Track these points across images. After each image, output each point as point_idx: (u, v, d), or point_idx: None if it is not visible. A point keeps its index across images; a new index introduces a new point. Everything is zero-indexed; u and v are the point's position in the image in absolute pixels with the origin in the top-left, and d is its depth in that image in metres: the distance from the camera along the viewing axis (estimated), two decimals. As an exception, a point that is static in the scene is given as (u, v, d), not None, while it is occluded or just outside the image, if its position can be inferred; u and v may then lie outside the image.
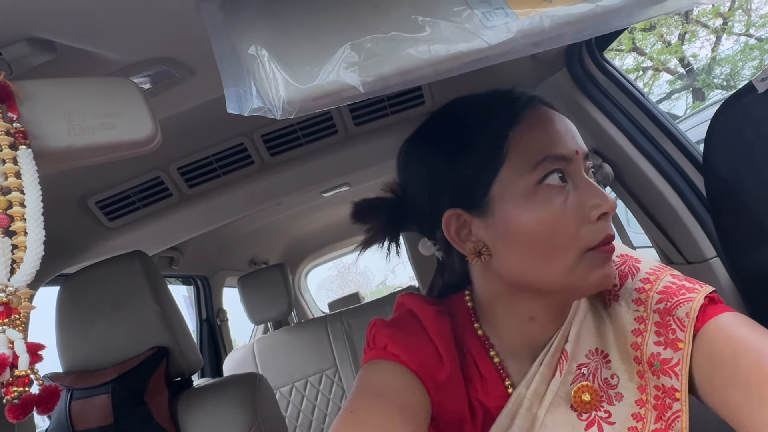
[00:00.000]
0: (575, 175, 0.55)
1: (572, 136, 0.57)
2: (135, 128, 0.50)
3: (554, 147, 0.55)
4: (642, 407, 0.55)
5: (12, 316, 0.39)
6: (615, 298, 0.61)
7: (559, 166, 0.54)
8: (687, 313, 0.54)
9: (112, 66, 0.61)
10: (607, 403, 0.56)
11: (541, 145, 0.55)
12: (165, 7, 0.53)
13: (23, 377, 0.38)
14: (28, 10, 0.47)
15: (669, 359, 0.54)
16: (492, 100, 0.61)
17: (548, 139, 0.55)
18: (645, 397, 0.56)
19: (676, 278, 0.59)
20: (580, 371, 0.58)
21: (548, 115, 0.58)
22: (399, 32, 0.46)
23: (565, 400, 0.57)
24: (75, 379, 1.01)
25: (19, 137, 0.44)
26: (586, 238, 0.53)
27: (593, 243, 0.53)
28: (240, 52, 0.46)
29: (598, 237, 0.53)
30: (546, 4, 0.47)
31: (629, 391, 0.57)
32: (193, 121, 0.95)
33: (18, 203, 0.43)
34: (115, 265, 1.08)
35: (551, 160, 0.54)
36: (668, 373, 0.54)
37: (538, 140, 0.55)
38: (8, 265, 0.40)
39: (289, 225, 2.71)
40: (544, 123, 0.56)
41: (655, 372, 0.55)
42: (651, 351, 0.56)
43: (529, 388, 0.58)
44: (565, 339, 0.60)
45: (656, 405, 0.55)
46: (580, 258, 0.53)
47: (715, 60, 9.09)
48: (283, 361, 2.15)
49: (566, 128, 0.57)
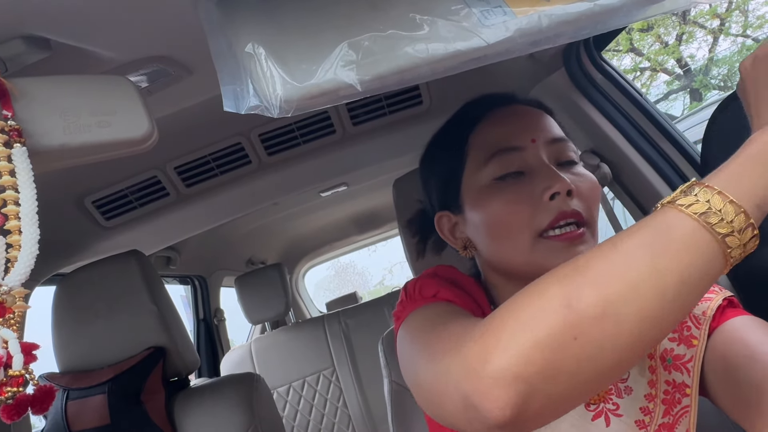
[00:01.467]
0: (532, 162, 0.58)
1: (531, 127, 0.60)
2: (131, 127, 0.50)
3: (506, 140, 0.59)
4: (651, 401, 0.56)
5: (6, 316, 0.39)
6: None
7: (510, 156, 0.58)
8: (704, 311, 0.55)
9: (108, 64, 0.60)
10: (617, 396, 0.57)
11: (493, 140, 0.60)
12: (161, 4, 0.52)
13: (17, 377, 0.38)
14: (23, 8, 0.46)
15: (682, 355, 0.55)
16: (464, 108, 0.67)
17: (501, 133, 0.60)
18: (654, 392, 0.56)
19: None
20: None
21: (508, 112, 0.62)
22: (397, 30, 0.46)
23: None
24: (71, 379, 1.00)
25: (13, 135, 0.43)
26: (539, 220, 0.55)
27: (545, 223, 0.55)
28: (237, 50, 0.46)
29: (549, 216, 0.55)
30: (544, 3, 0.47)
31: (639, 385, 0.57)
32: (190, 120, 0.95)
33: (12, 202, 0.42)
34: (112, 265, 1.08)
35: (501, 152, 0.58)
36: (680, 368, 0.55)
37: (491, 137, 0.60)
38: (2, 264, 0.40)
39: (287, 225, 2.71)
40: (500, 120, 0.61)
41: (667, 367, 0.56)
42: (665, 347, 0.57)
43: None
44: None
45: (665, 399, 0.55)
46: (535, 240, 0.56)
47: (712, 61, 9.11)
48: (281, 362, 2.14)
49: (527, 120, 0.60)
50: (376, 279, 15.41)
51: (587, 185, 0.58)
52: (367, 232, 3.32)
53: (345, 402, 2.07)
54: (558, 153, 0.59)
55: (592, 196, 0.57)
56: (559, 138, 0.60)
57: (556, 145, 0.59)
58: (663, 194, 0.95)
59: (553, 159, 0.59)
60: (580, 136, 1.09)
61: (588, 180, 0.58)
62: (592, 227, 0.57)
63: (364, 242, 3.76)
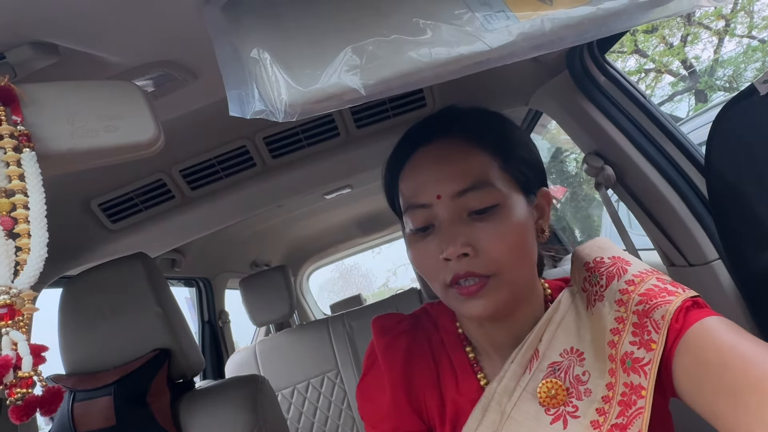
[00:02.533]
0: (439, 217, 0.60)
1: (438, 181, 0.60)
2: (138, 131, 0.50)
3: (415, 196, 0.62)
4: (607, 402, 0.57)
5: (15, 318, 0.39)
6: (600, 299, 0.63)
7: (419, 212, 0.61)
8: (663, 315, 0.55)
9: (114, 69, 0.61)
10: (576, 399, 0.59)
11: (407, 194, 0.63)
12: (167, 10, 0.53)
13: (26, 378, 0.39)
14: (32, 14, 0.47)
15: (641, 358, 0.56)
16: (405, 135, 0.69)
17: (412, 188, 0.63)
18: (611, 394, 0.57)
19: (660, 281, 0.60)
20: (551, 369, 0.61)
21: (425, 159, 0.63)
22: (400, 35, 0.46)
23: (532, 396, 0.61)
24: (77, 380, 1.01)
25: (23, 140, 0.44)
26: (442, 275, 0.60)
27: (447, 279, 0.60)
28: (242, 55, 0.46)
29: (448, 275, 0.59)
30: (547, 7, 0.47)
31: (598, 387, 0.58)
32: (195, 123, 0.96)
33: (22, 205, 0.43)
34: (118, 267, 1.08)
35: (412, 209, 0.62)
36: (638, 371, 0.55)
37: (406, 190, 0.64)
38: (12, 267, 0.41)
39: (291, 227, 2.71)
40: (415, 170, 0.63)
41: (626, 369, 0.56)
42: (625, 350, 0.57)
43: (500, 384, 0.62)
44: (539, 339, 0.63)
45: (621, 401, 0.56)
46: (445, 290, 0.61)
47: (717, 62, 9.07)
48: (285, 363, 2.15)
49: (435, 172, 0.61)
50: (380, 281, 15.43)
51: (496, 238, 0.58)
52: (371, 234, 3.32)
53: (349, 404, 2.07)
54: (469, 203, 0.59)
55: (499, 248, 0.58)
56: (468, 188, 0.59)
57: (463, 198, 0.59)
58: (667, 196, 0.95)
59: (463, 210, 0.59)
60: (584, 138, 1.09)
61: (499, 231, 0.58)
62: (500, 274, 0.59)
63: (368, 244, 3.77)
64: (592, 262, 0.66)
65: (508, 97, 1.20)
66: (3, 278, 0.39)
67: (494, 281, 0.58)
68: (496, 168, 0.61)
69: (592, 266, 0.66)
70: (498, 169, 0.61)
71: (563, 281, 0.72)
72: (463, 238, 0.58)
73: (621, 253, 0.67)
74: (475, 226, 0.59)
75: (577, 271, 0.68)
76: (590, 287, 0.65)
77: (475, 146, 0.62)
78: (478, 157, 0.61)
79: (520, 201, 0.61)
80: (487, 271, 0.58)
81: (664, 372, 0.55)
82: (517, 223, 0.59)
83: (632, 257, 0.66)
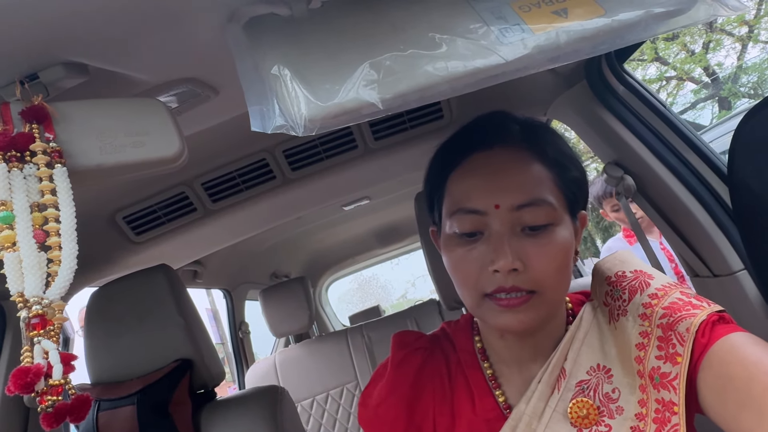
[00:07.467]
0: (491, 227, 0.58)
1: (499, 189, 0.59)
2: (163, 146, 0.52)
3: (469, 200, 0.60)
4: (641, 420, 0.55)
5: (47, 327, 0.41)
6: (623, 313, 0.62)
7: (470, 218, 0.59)
8: (687, 328, 0.54)
9: (141, 86, 0.63)
10: (608, 417, 0.57)
11: (458, 196, 0.61)
12: (191, 29, 0.55)
13: (57, 386, 0.40)
14: (64, 36, 0.49)
15: (668, 373, 0.55)
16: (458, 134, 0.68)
17: (468, 191, 0.60)
18: (645, 411, 0.56)
19: (684, 295, 0.59)
20: (579, 387, 0.60)
21: (483, 164, 0.61)
22: (417, 50, 0.47)
23: (563, 417, 0.59)
24: (102, 390, 1.03)
25: (55, 156, 0.46)
26: (483, 284, 0.58)
27: (488, 290, 0.58)
28: (263, 72, 0.48)
29: (490, 286, 0.58)
30: (562, 20, 0.47)
31: (630, 405, 0.57)
32: (216, 137, 0.98)
33: (53, 219, 0.45)
34: (141, 279, 1.11)
35: (462, 212, 0.60)
36: (667, 387, 0.54)
37: (457, 192, 0.62)
38: (44, 278, 0.42)
39: (311, 238, 2.73)
40: (473, 173, 0.61)
41: (656, 386, 0.55)
42: (652, 365, 0.56)
43: (528, 405, 0.60)
44: (564, 357, 0.62)
45: (656, 418, 0.55)
46: (480, 299, 0.59)
47: (741, 68, 8.92)
48: (305, 375, 2.15)
49: (497, 179, 0.59)
50: (398, 292, 15.38)
51: (545, 257, 0.57)
52: (390, 246, 3.32)
53: (368, 416, 2.06)
54: (524, 218, 0.58)
55: (548, 268, 0.57)
56: (527, 203, 0.58)
57: (522, 211, 0.58)
58: (689, 206, 0.93)
59: (518, 224, 0.58)
60: (604, 148, 1.08)
61: (549, 250, 0.57)
62: (543, 293, 0.58)
63: (386, 255, 3.77)
64: (614, 276, 0.65)
65: (525, 108, 1.20)
66: (36, 289, 0.41)
67: (537, 298, 0.57)
68: (552, 184, 0.60)
69: (614, 280, 0.65)
70: (554, 185, 0.60)
71: (583, 295, 0.71)
72: (515, 253, 0.57)
73: (643, 266, 0.66)
74: (527, 241, 0.57)
75: (599, 285, 0.67)
76: (612, 301, 0.64)
77: (536, 159, 0.60)
78: (538, 171, 0.60)
79: (567, 221, 0.60)
80: (531, 287, 0.57)
81: (689, 387, 0.54)
82: (564, 243, 0.58)
83: (655, 270, 0.65)
